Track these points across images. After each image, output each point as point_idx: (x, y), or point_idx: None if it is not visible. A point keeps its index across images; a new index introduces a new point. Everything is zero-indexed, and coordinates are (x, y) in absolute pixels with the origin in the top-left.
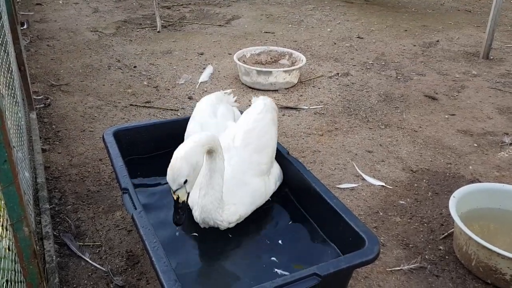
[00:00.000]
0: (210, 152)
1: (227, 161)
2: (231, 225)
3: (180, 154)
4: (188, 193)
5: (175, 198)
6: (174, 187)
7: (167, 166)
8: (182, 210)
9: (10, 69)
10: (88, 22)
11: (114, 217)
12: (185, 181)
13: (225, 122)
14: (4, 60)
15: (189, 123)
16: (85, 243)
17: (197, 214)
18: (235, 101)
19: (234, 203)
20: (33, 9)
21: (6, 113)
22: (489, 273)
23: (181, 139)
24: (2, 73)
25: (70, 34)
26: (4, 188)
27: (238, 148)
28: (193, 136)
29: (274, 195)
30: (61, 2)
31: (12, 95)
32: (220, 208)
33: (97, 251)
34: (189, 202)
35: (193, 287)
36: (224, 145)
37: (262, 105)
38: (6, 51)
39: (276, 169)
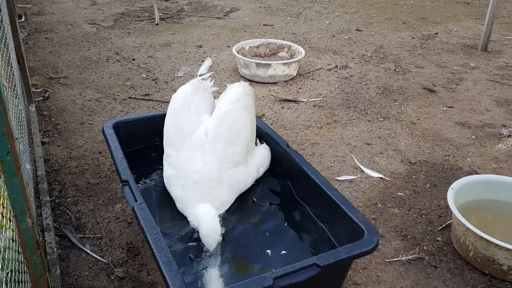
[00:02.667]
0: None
1: (201, 158)
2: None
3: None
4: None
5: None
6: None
7: None
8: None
9: (10, 62)
10: (86, 14)
11: (114, 209)
12: None
13: (200, 116)
14: (4, 53)
15: (165, 120)
16: (86, 235)
17: (209, 245)
18: (213, 85)
19: (215, 206)
20: (31, 1)
21: (8, 105)
22: (486, 263)
23: None
24: (3, 66)
25: (68, 27)
26: (7, 179)
27: (211, 143)
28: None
29: (273, 186)
30: None
31: (12, 88)
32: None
33: (98, 243)
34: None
35: (193, 278)
36: (198, 142)
37: (233, 94)
38: (6, 44)
39: (260, 155)
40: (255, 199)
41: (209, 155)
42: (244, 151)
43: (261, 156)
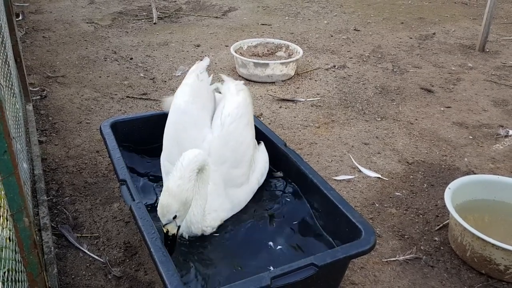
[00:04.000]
0: (200, 171)
1: None
2: (214, 230)
3: (169, 191)
4: (179, 227)
5: (164, 231)
6: (163, 222)
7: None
8: (172, 242)
9: (7, 60)
10: (84, 13)
11: (111, 209)
12: (175, 217)
13: (201, 131)
14: (1, 52)
15: (165, 134)
16: (83, 235)
17: (181, 229)
18: (212, 81)
19: (215, 209)
20: (28, 0)
21: (5, 104)
22: (483, 263)
23: None
24: (1, 65)
25: (66, 26)
26: (4, 179)
27: (215, 164)
28: (181, 169)
29: (271, 186)
30: None
31: (9, 86)
32: (204, 216)
33: (95, 242)
34: None
35: (190, 277)
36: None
37: (234, 107)
38: (3, 43)
39: (260, 165)
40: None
41: (214, 176)
42: (248, 172)
43: (262, 166)
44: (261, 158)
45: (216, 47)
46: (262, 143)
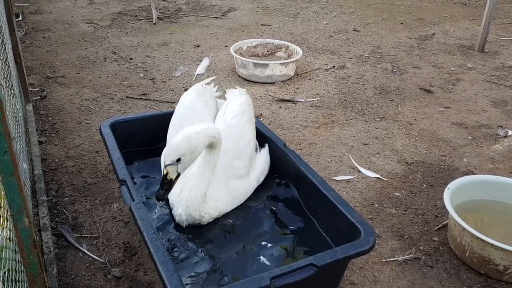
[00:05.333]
0: (211, 146)
1: None
2: (211, 220)
3: (185, 133)
4: (178, 174)
5: (164, 172)
6: (167, 162)
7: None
8: (167, 187)
9: (7, 61)
10: (83, 13)
11: (111, 209)
12: (179, 160)
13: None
14: (2, 52)
15: (170, 126)
16: (83, 235)
17: (180, 211)
18: (217, 90)
19: (215, 199)
20: (28, 0)
21: (5, 104)
22: (482, 263)
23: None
24: (1, 65)
25: (66, 26)
26: (5, 179)
27: (225, 158)
28: (205, 123)
29: (271, 187)
30: None
31: (9, 87)
32: (204, 202)
33: (95, 243)
34: (170, 200)
35: (189, 278)
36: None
37: (237, 105)
38: (3, 43)
39: (260, 163)
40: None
41: (217, 167)
42: (248, 165)
43: (262, 164)
44: (262, 157)
45: (216, 47)
46: (267, 146)
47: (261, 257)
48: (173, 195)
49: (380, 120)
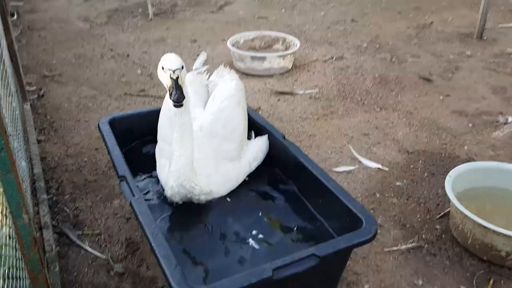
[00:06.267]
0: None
1: (197, 151)
2: (203, 198)
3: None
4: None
5: (175, 77)
6: (175, 66)
7: None
8: (180, 90)
9: (2, 60)
10: (79, 11)
11: (112, 206)
12: (182, 68)
13: (193, 111)
14: None
15: (160, 115)
16: (84, 232)
17: (172, 182)
18: (209, 75)
19: (206, 175)
20: None
21: (1, 101)
22: (485, 250)
23: None
24: None
25: (61, 24)
26: (2, 176)
27: (207, 137)
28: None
29: (272, 179)
30: None
31: (5, 85)
32: (193, 172)
33: (97, 240)
34: (161, 180)
35: (191, 270)
36: (193, 136)
37: (226, 89)
38: None
39: (252, 149)
40: (252, 191)
41: (204, 148)
42: (239, 148)
43: (254, 150)
44: (257, 144)
45: (213, 41)
46: (265, 136)
47: (254, 244)
48: (163, 174)
49: (380, 110)
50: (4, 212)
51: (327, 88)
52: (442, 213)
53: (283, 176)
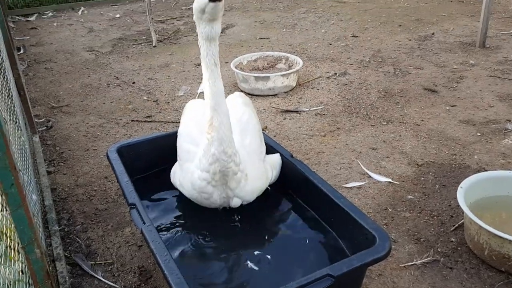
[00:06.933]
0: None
1: None
2: (239, 178)
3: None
4: None
5: None
6: None
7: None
8: None
9: (10, 94)
10: (84, 42)
11: (123, 234)
12: None
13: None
14: (4, 86)
15: (182, 125)
16: (97, 262)
17: (213, 149)
18: None
19: (242, 159)
20: (29, 33)
21: (10, 137)
22: (502, 261)
23: None
24: (3, 99)
25: (67, 56)
26: (13, 212)
27: (235, 138)
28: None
29: (282, 198)
30: (55, 25)
31: (14, 120)
32: (235, 154)
33: (109, 269)
34: (189, 182)
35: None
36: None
37: (240, 101)
38: (5, 77)
39: (272, 159)
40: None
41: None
42: (258, 141)
43: (273, 160)
44: (274, 156)
45: None
46: (278, 153)
47: (265, 265)
48: (188, 175)
49: (386, 123)
50: (17, 247)
51: (332, 104)
52: (456, 225)
53: (293, 195)
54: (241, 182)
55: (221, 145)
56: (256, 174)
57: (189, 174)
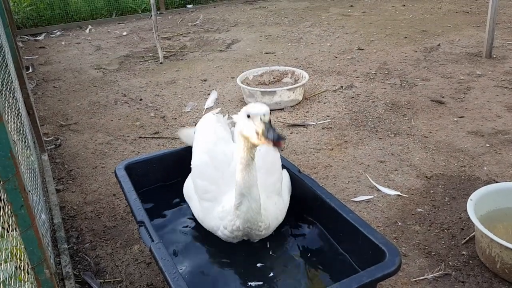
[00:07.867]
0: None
1: None
2: (264, 233)
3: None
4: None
5: (267, 120)
6: (264, 110)
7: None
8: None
9: (20, 114)
10: (91, 60)
11: (132, 251)
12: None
13: (228, 146)
14: (13, 106)
15: (195, 156)
16: (106, 280)
17: (238, 223)
18: (228, 118)
19: (264, 209)
20: (37, 52)
21: (19, 158)
22: None
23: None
24: (12, 119)
25: (75, 74)
26: (23, 233)
27: (260, 176)
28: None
29: (291, 213)
30: (63, 44)
31: (23, 139)
32: (260, 215)
33: (119, 287)
34: (212, 226)
35: None
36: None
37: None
38: (15, 97)
39: (285, 179)
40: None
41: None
42: (280, 180)
43: (286, 180)
44: (285, 175)
45: (223, 80)
46: (285, 169)
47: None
48: (210, 218)
49: (394, 136)
50: (26, 268)
51: (339, 117)
52: (468, 238)
53: (301, 210)
54: (266, 225)
55: (247, 223)
56: (276, 211)
57: (210, 215)
